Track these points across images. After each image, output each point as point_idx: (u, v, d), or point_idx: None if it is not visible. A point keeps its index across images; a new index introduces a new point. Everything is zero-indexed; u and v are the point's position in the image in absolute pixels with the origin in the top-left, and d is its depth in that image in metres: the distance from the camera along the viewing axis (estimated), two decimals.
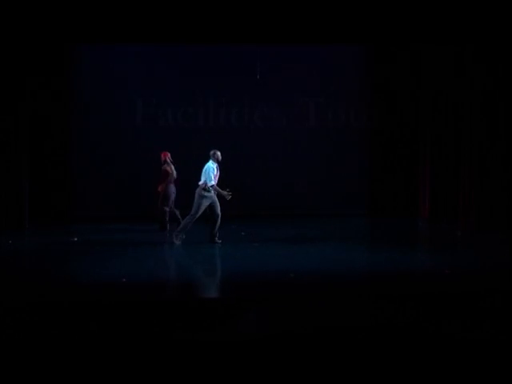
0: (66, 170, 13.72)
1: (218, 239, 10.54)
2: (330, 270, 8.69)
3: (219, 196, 10.47)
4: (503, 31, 10.51)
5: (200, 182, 10.46)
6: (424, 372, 5.09)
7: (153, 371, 5.08)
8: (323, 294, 7.39)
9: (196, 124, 14.22)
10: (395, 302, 6.84)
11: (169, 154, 11.93)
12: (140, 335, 5.84)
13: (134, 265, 9.00)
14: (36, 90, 12.93)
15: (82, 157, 14.04)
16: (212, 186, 10.36)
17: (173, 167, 11.84)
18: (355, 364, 5.18)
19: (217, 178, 10.44)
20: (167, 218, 11.78)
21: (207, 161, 10.53)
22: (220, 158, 10.56)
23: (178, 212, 11.78)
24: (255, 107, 14.43)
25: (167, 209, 11.74)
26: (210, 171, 10.37)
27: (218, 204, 10.49)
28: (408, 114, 14.27)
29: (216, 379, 5.00)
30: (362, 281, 8.25)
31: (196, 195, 10.46)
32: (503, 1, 10.05)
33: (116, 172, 14.03)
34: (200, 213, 10.43)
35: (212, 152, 10.56)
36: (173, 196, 11.75)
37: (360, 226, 13.42)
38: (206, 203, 10.41)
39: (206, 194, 10.37)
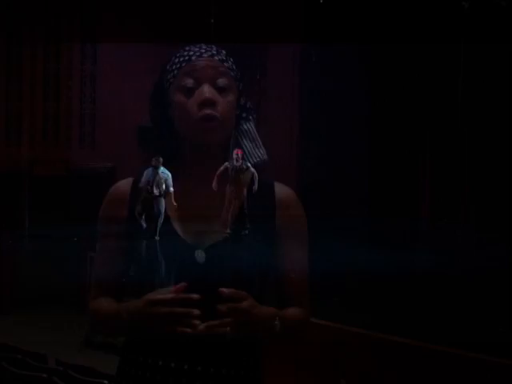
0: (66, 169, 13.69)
1: None
2: (329, 269, 8.67)
3: None
4: (503, 31, 10.51)
5: None
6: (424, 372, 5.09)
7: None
8: (323, 294, 7.38)
9: None
10: (395, 303, 6.84)
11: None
12: None
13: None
14: None
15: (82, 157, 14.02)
16: None
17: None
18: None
19: None
20: None
21: None
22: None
23: None
24: (255, 107, 14.38)
25: None
26: None
27: None
28: (408, 113, 14.23)
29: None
30: (361, 281, 8.24)
31: None
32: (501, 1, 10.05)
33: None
34: None
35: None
36: None
37: (360, 226, 13.38)
38: None
39: None
